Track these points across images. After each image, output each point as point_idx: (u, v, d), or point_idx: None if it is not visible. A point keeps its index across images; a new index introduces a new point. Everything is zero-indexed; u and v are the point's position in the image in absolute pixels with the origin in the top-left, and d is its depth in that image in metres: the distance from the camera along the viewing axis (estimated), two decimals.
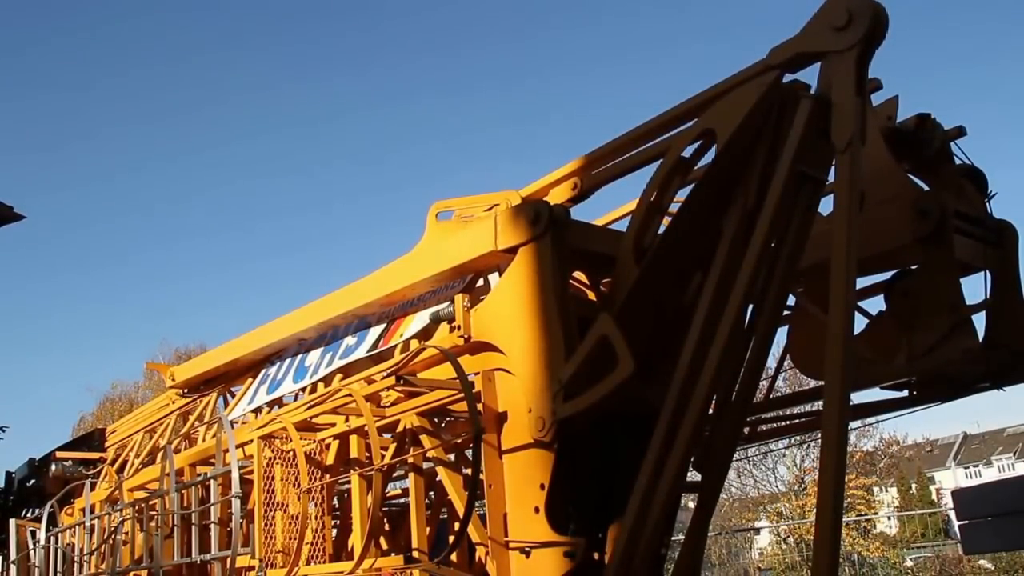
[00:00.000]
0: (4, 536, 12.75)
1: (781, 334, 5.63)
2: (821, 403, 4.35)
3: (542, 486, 4.85)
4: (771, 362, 6.03)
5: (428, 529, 5.69)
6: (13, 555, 11.31)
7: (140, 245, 79.69)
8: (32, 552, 10.86)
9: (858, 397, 5.92)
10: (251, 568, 6.40)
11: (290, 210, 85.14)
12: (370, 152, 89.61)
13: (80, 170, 78.98)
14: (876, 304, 5.92)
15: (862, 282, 5.78)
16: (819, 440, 4.07)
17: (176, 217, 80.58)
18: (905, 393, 6.19)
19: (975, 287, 5.66)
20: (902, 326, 5.65)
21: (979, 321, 5.62)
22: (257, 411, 7.89)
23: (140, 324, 77.79)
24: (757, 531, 35.38)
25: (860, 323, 5.74)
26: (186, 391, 9.44)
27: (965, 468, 67.78)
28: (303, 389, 7.29)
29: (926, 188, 5.71)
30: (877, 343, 5.75)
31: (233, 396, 8.65)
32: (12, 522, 11.69)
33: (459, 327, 5.38)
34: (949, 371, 5.69)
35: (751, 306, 4.54)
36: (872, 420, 9.22)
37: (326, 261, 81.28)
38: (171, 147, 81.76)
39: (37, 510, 12.13)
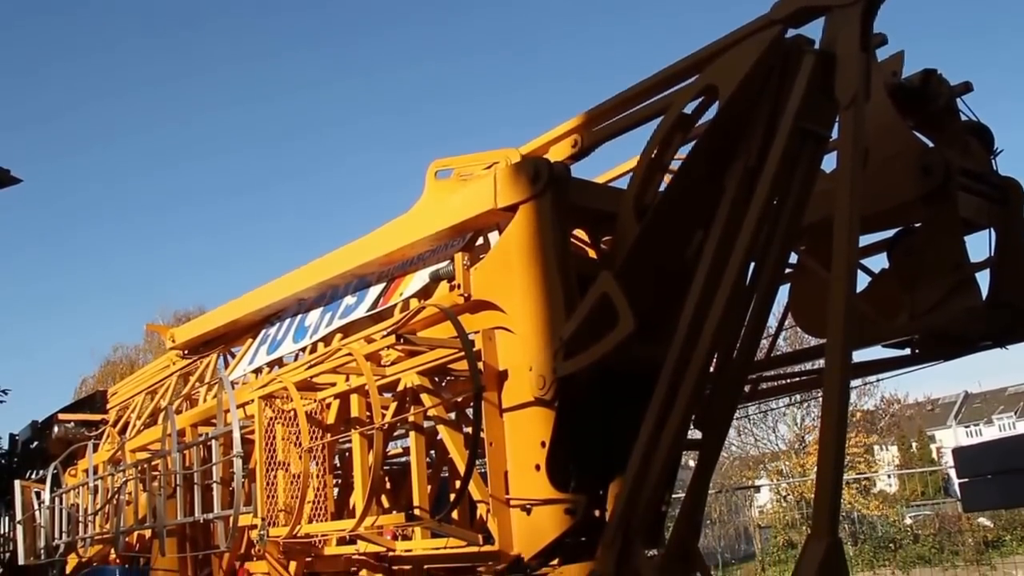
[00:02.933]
0: (9, 497, 12.82)
1: (782, 293, 5.61)
2: (822, 361, 4.33)
3: (543, 444, 4.85)
4: (772, 321, 6.01)
5: (429, 488, 5.69)
6: (19, 516, 11.38)
7: (139, 209, 79.73)
8: (37, 513, 10.92)
9: (860, 355, 5.90)
10: (253, 526, 6.43)
11: (290, 173, 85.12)
12: (370, 116, 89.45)
13: (79, 134, 78.94)
14: (879, 262, 5.88)
15: (865, 240, 5.72)
16: (820, 399, 4.05)
17: (175, 181, 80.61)
18: (907, 351, 6.16)
19: (979, 245, 5.63)
20: (905, 284, 5.60)
21: (983, 279, 5.59)
22: (257, 371, 7.89)
23: (140, 287, 78.03)
24: (757, 489, 35.61)
25: (862, 281, 5.71)
26: (186, 352, 9.43)
27: (966, 427, 67.93)
28: (303, 349, 7.28)
29: (931, 145, 5.64)
30: (879, 301, 5.71)
31: (233, 357, 8.65)
32: (17, 483, 11.75)
33: (459, 286, 5.36)
34: (951, 329, 5.66)
35: (752, 264, 4.51)
36: (873, 378, 9.21)
37: (326, 225, 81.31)
38: (170, 112, 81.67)
39: (41, 471, 12.19)
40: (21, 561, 11.31)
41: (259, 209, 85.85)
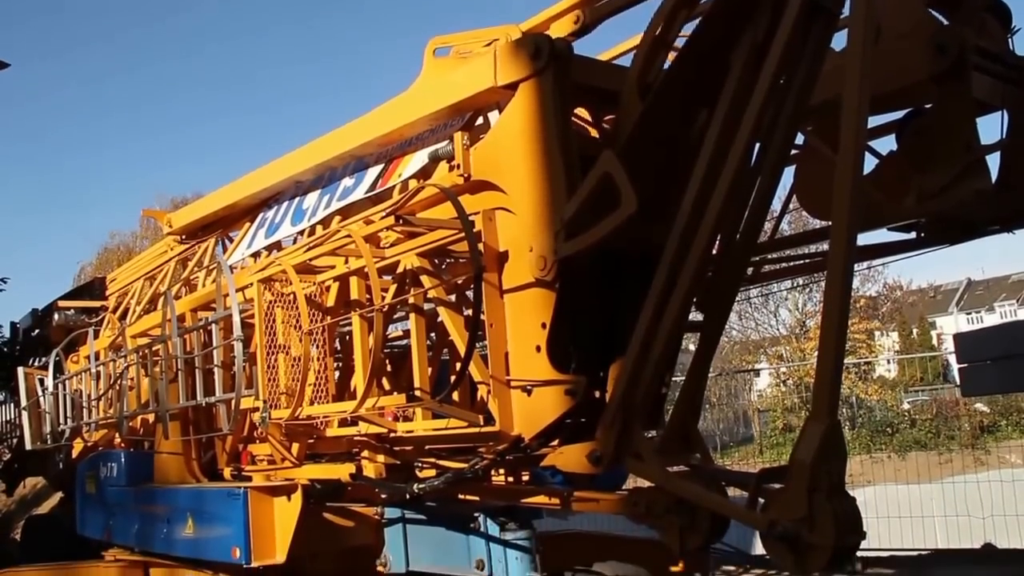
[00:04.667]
0: (13, 384, 12.94)
1: (787, 175, 5.51)
2: (827, 244, 4.27)
3: (543, 325, 4.82)
4: (776, 205, 5.93)
5: (430, 370, 5.69)
6: (23, 402, 11.48)
7: (136, 98, 78.88)
8: (42, 399, 11.01)
9: (864, 239, 5.82)
10: (255, 409, 6.46)
11: (288, 61, 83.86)
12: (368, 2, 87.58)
13: (79, 27, 77.54)
14: (887, 144, 5.76)
15: (874, 120, 5.60)
16: (822, 284, 4.01)
17: (171, 70, 79.51)
18: (913, 235, 6.10)
19: (991, 127, 5.50)
20: (913, 166, 5.49)
21: (993, 162, 5.48)
22: (256, 255, 7.84)
23: (136, 175, 77.78)
24: (757, 373, 36.02)
25: (870, 163, 5.60)
26: (184, 237, 9.36)
27: (967, 314, 68.32)
28: (301, 232, 7.21)
29: (945, 22, 5.46)
30: (886, 184, 5.61)
31: (231, 241, 8.58)
32: (20, 370, 11.82)
33: (458, 166, 5.25)
34: (959, 213, 5.58)
35: (758, 144, 4.41)
36: (878, 262, 9.20)
37: (324, 113, 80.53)
38: (166, 2, 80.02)
39: (43, 358, 12.26)
40: (28, 446, 11.46)
41: (257, 98, 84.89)
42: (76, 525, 9.96)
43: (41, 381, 11.15)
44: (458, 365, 5.21)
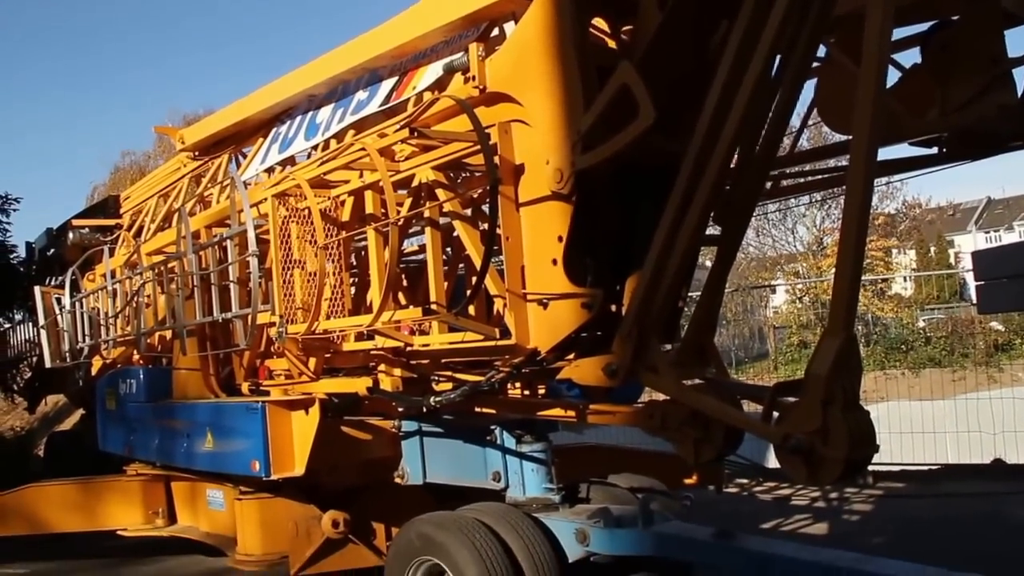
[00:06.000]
0: (31, 304, 13.03)
1: (808, 88, 5.41)
2: (846, 159, 4.20)
3: (560, 238, 4.81)
4: (795, 121, 5.84)
5: (446, 284, 5.69)
6: (42, 321, 11.57)
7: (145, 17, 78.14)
8: (59, 318, 11.08)
9: (885, 153, 5.75)
10: (272, 324, 6.49)
11: None
12: None
13: None
14: (910, 58, 5.64)
15: (898, 33, 5.47)
16: (840, 200, 3.96)
17: None
18: (934, 150, 6.00)
19: (1019, 40, 5.37)
20: (937, 80, 5.38)
21: (1020, 77, 5.36)
22: (270, 171, 7.80)
23: (148, 93, 77.34)
24: (773, 289, 35.96)
25: (893, 77, 5.49)
26: (197, 154, 9.33)
27: (986, 232, 67.86)
28: (315, 146, 7.15)
29: None
30: (909, 97, 5.51)
31: (244, 157, 8.53)
32: (37, 290, 11.90)
33: (474, 77, 5.18)
34: (982, 127, 5.48)
35: (779, 56, 4.32)
36: (897, 178, 9.10)
37: (339, 29, 79.55)
38: None
39: (59, 277, 12.33)
40: (48, 364, 11.59)
41: (269, 16, 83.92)
42: (97, 441, 10.12)
43: (58, 300, 11.22)
44: (474, 279, 5.18)
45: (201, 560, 9.30)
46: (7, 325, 18.61)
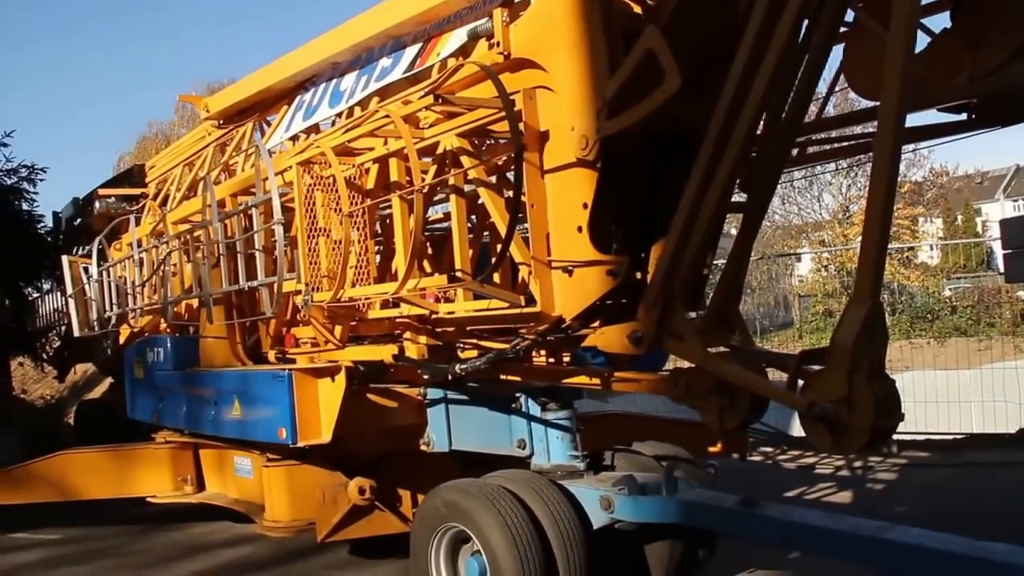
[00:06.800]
0: (59, 273, 13.15)
1: (835, 55, 5.35)
2: (874, 125, 4.15)
3: (585, 205, 4.79)
4: (822, 87, 5.77)
5: (471, 252, 5.68)
6: (69, 290, 11.67)
7: None
8: (87, 287, 11.17)
9: (913, 120, 5.68)
10: (298, 292, 6.52)
11: None
12: None
13: None
14: (940, 22, 5.56)
15: None
16: (867, 169, 3.91)
17: None
18: (963, 117, 5.92)
19: None
20: (967, 44, 5.30)
21: None
22: (294, 139, 7.81)
23: (172, 63, 77.50)
24: (798, 258, 35.67)
25: (922, 41, 5.42)
26: (221, 123, 9.34)
27: (1014, 201, 66.89)
28: (339, 114, 7.15)
29: None
30: (938, 62, 5.42)
31: (269, 125, 8.54)
32: (64, 259, 11.99)
33: (498, 43, 5.16)
34: (1013, 93, 5.41)
35: (806, 21, 4.27)
36: (925, 145, 8.95)
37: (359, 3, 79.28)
38: None
39: (87, 247, 12.42)
40: (76, 333, 11.70)
41: None
42: (126, 409, 10.23)
43: (85, 269, 11.32)
44: (499, 247, 5.18)
45: (230, 527, 9.42)
46: (36, 295, 18.81)
